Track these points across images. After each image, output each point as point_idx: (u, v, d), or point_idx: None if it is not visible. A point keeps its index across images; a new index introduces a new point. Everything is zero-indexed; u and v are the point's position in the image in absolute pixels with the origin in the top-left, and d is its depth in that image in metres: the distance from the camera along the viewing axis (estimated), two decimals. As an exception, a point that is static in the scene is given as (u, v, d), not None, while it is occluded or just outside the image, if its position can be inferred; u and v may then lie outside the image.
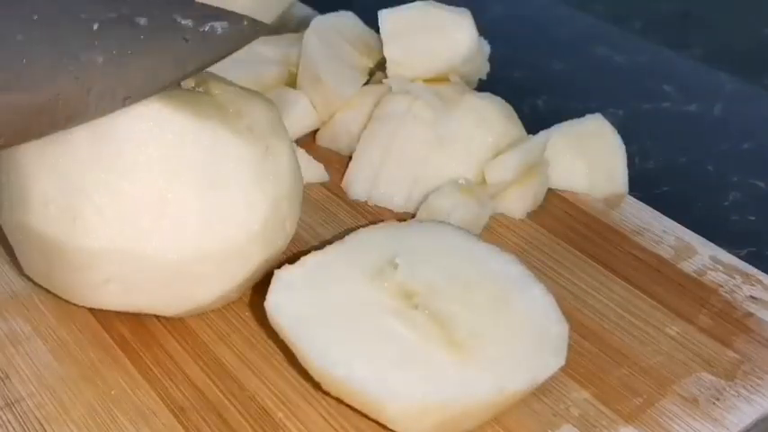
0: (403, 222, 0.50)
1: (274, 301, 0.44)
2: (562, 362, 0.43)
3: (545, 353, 0.43)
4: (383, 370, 0.41)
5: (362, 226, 0.56)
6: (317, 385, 0.44)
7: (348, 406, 0.43)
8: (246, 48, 0.66)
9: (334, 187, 0.59)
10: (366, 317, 0.44)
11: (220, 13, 0.45)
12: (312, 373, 0.43)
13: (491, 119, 0.57)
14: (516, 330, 0.44)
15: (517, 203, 0.57)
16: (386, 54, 0.60)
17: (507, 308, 0.45)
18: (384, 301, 0.44)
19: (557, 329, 0.44)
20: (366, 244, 0.48)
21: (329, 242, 0.48)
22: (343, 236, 0.48)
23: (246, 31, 0.46)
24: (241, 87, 0.49)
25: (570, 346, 0.44)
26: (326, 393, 0.43)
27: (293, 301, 0.44)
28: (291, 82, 0.65)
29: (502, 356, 0.43)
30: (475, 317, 0.44)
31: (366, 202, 0.58)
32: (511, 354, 0.43)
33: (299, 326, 0.43)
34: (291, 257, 0.48)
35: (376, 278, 0.45)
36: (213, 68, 0.46)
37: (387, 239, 0.48)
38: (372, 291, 0.45)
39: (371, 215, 0.57)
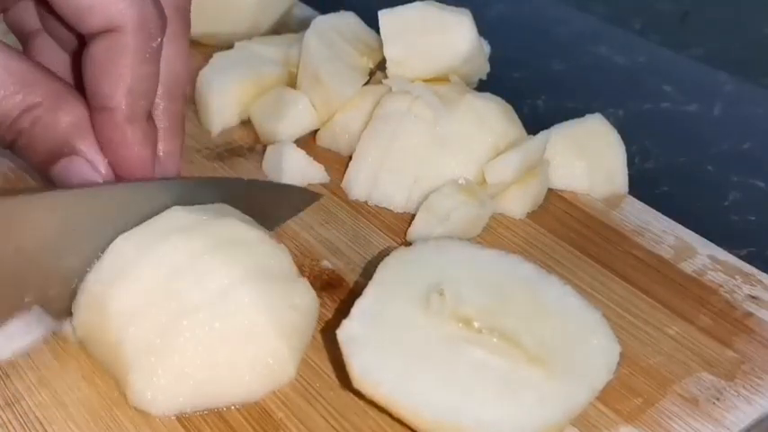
0: (412, 246, 0.48)
1: (363, 366, 0.42)
2: (619, 347, 0.44)
3: (601, 340, 0.44)
4: (492, 404, 0.41)
5: (365, 227, 0.56)
6: (318, 387, 0.45)
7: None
8: (246, 48, 0.67)
9: (334, 187, 0.59)
10: (447, 353, 0.42)
11: None
12: (420, 425, 0.41)
13: (491, 119, 0.57)
14: (563, 326, 0.44)
15: (517, 203, 0.57)
16: (386, 54, 0.60)
17: (545, 308, 0.45)
18: (452, 332, 0.43)
19: (593, 317, 0.45)
20: (402, 278, 0.46)
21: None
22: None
23: None
24: None
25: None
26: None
27: (374, 362, 0.42)
28: (291, 82, 0.65)
29: (573, 358, 0.43)
30: (529, 326, 0.44)
31: (366, 202, 0.58)
32: (577, 351, 0.43)
33: (393, 382, 0.41)
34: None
35: (430, 311, 0.44)
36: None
37: (416, 267, 0.46)
38: (436, 325, 0.43)
39: (372, 215, 0.57)
